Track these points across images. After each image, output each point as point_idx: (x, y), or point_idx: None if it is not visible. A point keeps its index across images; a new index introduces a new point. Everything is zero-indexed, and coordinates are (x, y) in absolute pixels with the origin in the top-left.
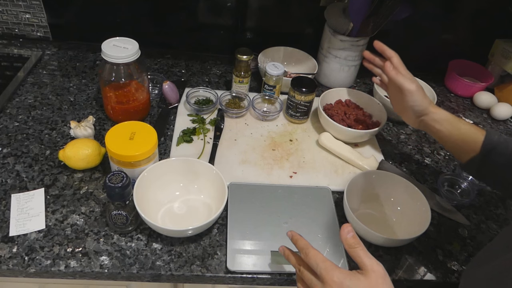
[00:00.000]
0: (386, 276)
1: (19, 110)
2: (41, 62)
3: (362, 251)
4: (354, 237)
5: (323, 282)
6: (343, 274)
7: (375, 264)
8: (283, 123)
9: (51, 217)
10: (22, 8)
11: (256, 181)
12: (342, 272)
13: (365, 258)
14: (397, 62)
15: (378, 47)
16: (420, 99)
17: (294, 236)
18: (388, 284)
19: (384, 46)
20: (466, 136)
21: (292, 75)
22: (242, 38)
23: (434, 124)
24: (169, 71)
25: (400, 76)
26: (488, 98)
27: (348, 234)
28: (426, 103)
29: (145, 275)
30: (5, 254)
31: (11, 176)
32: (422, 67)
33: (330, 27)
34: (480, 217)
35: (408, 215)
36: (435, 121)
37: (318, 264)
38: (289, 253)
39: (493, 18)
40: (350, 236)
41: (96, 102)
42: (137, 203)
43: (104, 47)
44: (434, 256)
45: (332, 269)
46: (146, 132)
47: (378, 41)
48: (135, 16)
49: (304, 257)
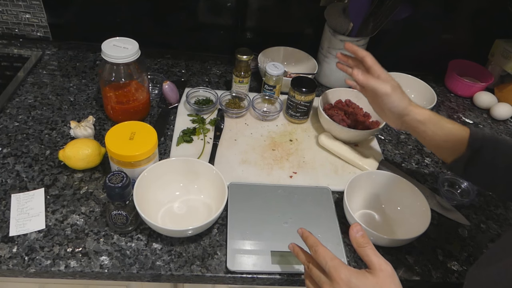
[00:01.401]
0: (395, 275)
1: (19, 110)
2: (41, 62)
3: (371, 250)
4: (363, 236)
5: (331, 279)
6: (351, 272)
7: (384, 263)
8: (283, 123)
9: (51, 217)
10: (22, 8)
11: (256, 181)
12: (350, 270)
13: (373, 257)
14: (371, 62)
15: (349, 48)
16: (397, 99)
17: (305, 233)
18: (396, 284)
19: (355, 46)
20: (450, 135)
21: (292, 75)
22: (242, 38)
23: (418, 125)
24: (169, 71)
25: (371, 80)
26: (488, 98)
27: (357, 233)
28: (405, 103)
29: (145, 275)
30: (5, 254)
31: (11, 176)
32: (422, 67)
33: (330, 27)
34: (480, 217)
35: (408, 215)
36: (418, 121)
37: (327, 262)
38: (299, 250)
39: (493, 18)
40: (359, 235)
41: (96, 102)
42: (137, 203)
43: (104, 47)
44: (434, 256)
45: (340, 267)
46: (146, 132)
47: (348, 42)
48: (135, 16)
49: (313, 254)
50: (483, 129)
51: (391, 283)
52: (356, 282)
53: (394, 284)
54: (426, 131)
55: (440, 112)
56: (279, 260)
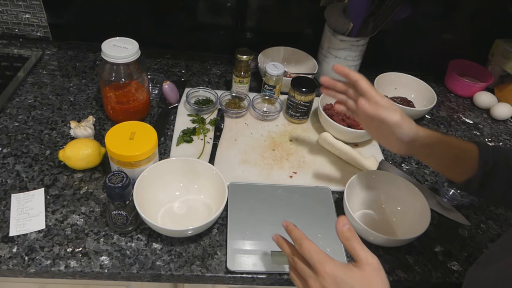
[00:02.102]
0: (381, 269)
1: (19, 110)
2: (41, 62)
3: (358, 243)
4: (350, 230)
5: (316, 273)
6: (336, 266)
7: (370, 257)
8: (283, 123)
9: (51, 217)
10: (22, 8)
11: (256, 181)
12: (336, 264)
13: (360, 251)
14: (365, 86)
15: (339, 71)
16: (407, 128)
17: (289, 226)
18: (382, 277)
19: (346, 69)
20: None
21: (292, 75)
22: (242, 38)
23: (425, 149)
24: (169, 71)
25: (381, 111)
26: (488, 98)
27: (344, 226)
28: (414, 129)
29: (145, 275)
30: (5, 254)
31: (11, 176)
32: (422, 67)
33: (330, 27)
34: (480, 217)
35: (408, 215)
36: (426, 145)
37: (312, 256)
38: (283, 241)
39: (493, 18)
40: (346, 229)
41: (96, 102)
42: (137, 203)
43: (104, 47)
44: (434, 256)
45: (326, 261)
46: (146, 132)
47: (338, 64)
48: (135, 16)
49: (298, 248)
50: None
51: (377, 277)
52: (342, 276)
53: (380, 278)
54: (434, 153)
55: (440, 112)
56: (279, 260)
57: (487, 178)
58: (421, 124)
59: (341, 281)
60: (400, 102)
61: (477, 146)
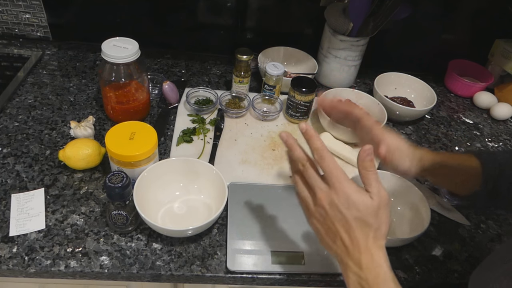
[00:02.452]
0: (389, 205)
1: (19, 110)
2: (41, 62)
3: (374, 175)
4: (371, 160)
5: (330, 187)
6: (353, 188)
7: (383, 190)
8: (283, 123)
9: (51, 217)
10: (22, 8)
11: (256, 181)
12: (353, 186)
13: (374, 181)
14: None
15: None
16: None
17: (309, 131)
18: (388, 213)
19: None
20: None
21: (292, 75)
22: (242, 38)
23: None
24: (169, 71)
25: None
26: (488, 98)
27: (367, 156)
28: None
29: (145, 275)
30: (5, 254)
31: (11, 176)
32: (422, 67)
33: (330, 27)
34: (480, 217)
35: (408, 215)
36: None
37: (331, 170)
38: (294, 143)
39: (493, 18)
40: (368, 159)
41: (96, 102)
42: (137, 203)
43: (104, 47)
44: (434, 256)
45: (345, 180)
46: (146, 132)
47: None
48: (135, 16)
49: (318, 158)
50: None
51: (385, 210)
52: (355, 199)
53: (386, 212)
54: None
55: (440, 112)
56: (279, 260)
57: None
58: (421, 124)
59: (353, 203)
60: (400, 102)
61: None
